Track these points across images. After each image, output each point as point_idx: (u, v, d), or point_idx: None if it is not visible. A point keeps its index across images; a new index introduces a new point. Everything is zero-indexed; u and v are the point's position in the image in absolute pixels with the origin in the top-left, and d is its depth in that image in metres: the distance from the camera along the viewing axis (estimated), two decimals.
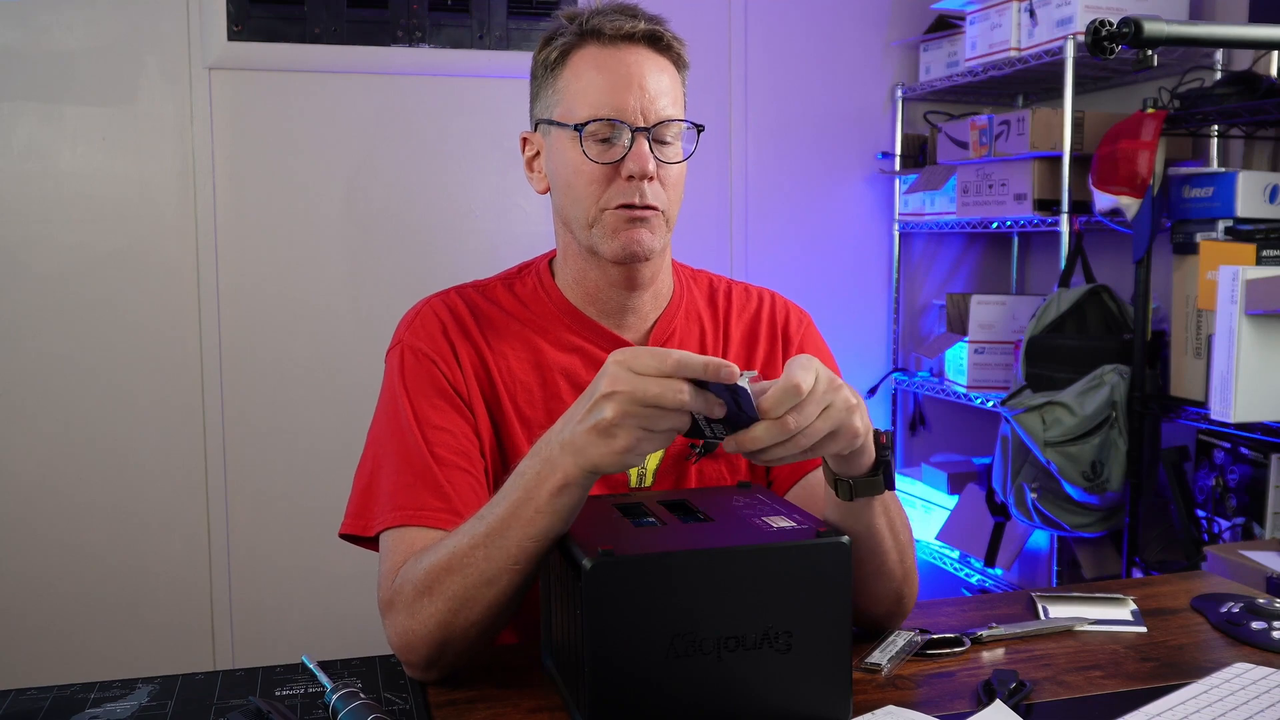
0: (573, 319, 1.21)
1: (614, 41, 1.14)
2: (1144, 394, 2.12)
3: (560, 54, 1.16)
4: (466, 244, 2.53)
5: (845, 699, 0.91)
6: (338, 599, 2.43)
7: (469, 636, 0.99)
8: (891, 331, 2.94)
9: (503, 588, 0.96)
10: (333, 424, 2.44)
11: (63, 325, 2.32)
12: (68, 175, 2.31)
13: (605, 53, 1.14)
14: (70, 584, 2.34)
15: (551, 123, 1.16)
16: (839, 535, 0.90)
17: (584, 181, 1.14)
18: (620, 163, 1.12)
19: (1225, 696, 0.95)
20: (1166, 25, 1.22)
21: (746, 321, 1.30)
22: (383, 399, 1.18)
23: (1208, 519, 2.10)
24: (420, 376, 1.15)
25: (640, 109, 1.13)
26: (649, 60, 1.15)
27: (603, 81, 1.13)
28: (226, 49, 2.35)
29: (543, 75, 1.19)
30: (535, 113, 1.21)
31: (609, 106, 1.12)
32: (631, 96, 1.12)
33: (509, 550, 0.94)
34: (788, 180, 2.84)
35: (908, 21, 2.88)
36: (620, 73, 1.13)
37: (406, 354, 1.17)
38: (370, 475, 1.13)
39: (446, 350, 1.17)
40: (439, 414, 1.14)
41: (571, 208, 1.16)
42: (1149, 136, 2.04)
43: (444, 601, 0.98)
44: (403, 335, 1.20)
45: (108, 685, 1.02)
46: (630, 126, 1.12)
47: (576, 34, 1.15)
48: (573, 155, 1.14)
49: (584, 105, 1.13)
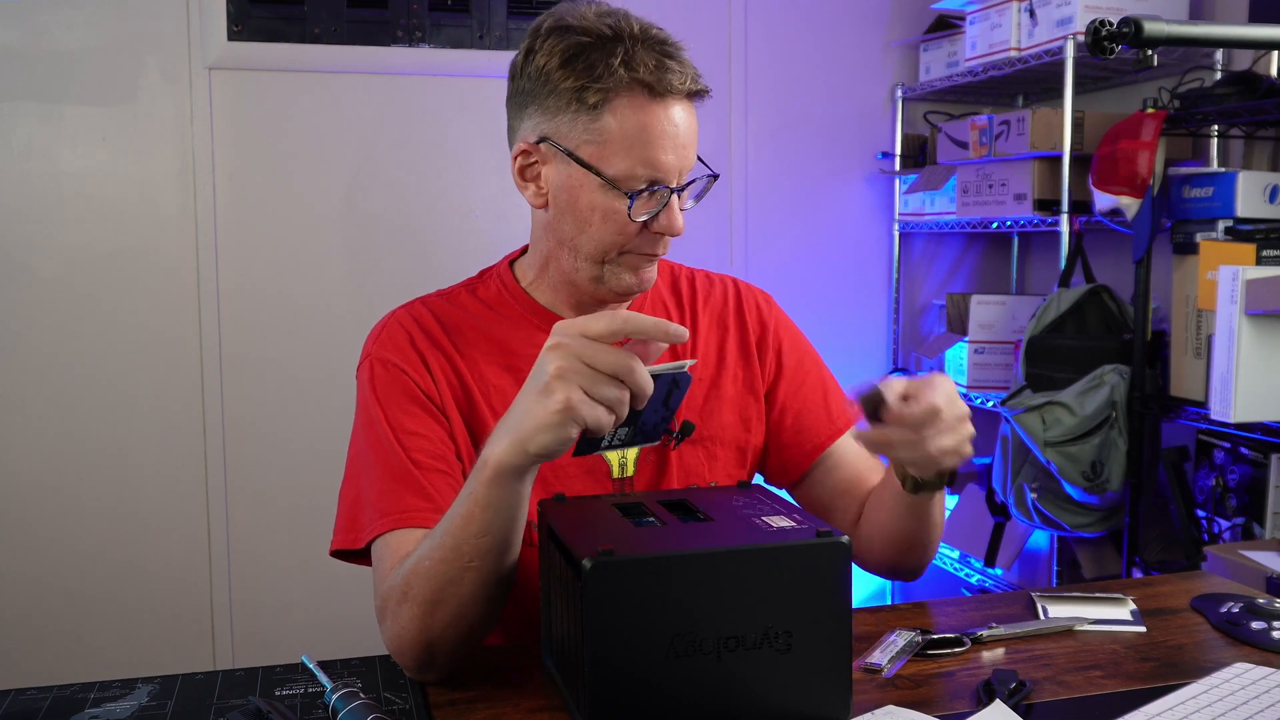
0: (542, 318, 1.22)
1: (661, 97, 1.09)
2: (1144, 394, 2.12)
3: (599, 90, 1.08)
4: (466, 244, 2.53)
5: (845, 699, 0.91)
6: (338, 599, 2.43)
7: (449, 638, 1.00)
8: (891, 331, 2.94)
9: (468, 588, 0.97)
10: (333, 424, 2.44)
11: (63, 325, 2.32)
12: (68, 175, 2.31)
13: (659, 106, 1.09)
14: (70, 584, 2.34)
15: (577, 159, 1.11)
16: (839, 535, 0.90)
17: (611, 229, 1.12)
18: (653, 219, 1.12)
19: (1225, 696, 0.95)
20: (1166, 25, 1.22)
21: (714, 309, 1.31)
22: (358, 415, 1.18)
23: (1208, 519, 2.10)
24: (390, 386, 1.15)
25: (679, 168, 1.12)
26: (688, 115, 1.12)
27: (658, 139, 1.09)
28: (226, 49, 2.35)
29: (567, 100, 1.10)
30: (541, 127, 1.13)
31: (654, 165, 1.10)
32: (674, 156, 1.11)
33: (462, 550, 0.96)
34: (788, 180, 2.83)
35: (908, 21, 2.88)
36: (668, 131, 1.10)
37: (376, 366, 1.17)
38: (354, 491, 1.14)
39: (415, 359, 1.17)
40: (413, 420, 1.14)
41: (584, 242, 1.14)
42: (1149, 136, 2.04)
43: (417, 606, 0.99)
44: (370, 349, 1.20)
45: (108, 685, 1.02)
46: (667, 186, 1.11)
47: (631, 79, 1.08)
48: (600, 201, 1.11)
49: (637, 162, 1.09)
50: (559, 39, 1.11)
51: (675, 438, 1.23)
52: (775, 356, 1.32)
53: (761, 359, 1.31)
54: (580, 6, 1.13)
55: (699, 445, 1.25)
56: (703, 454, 1.25)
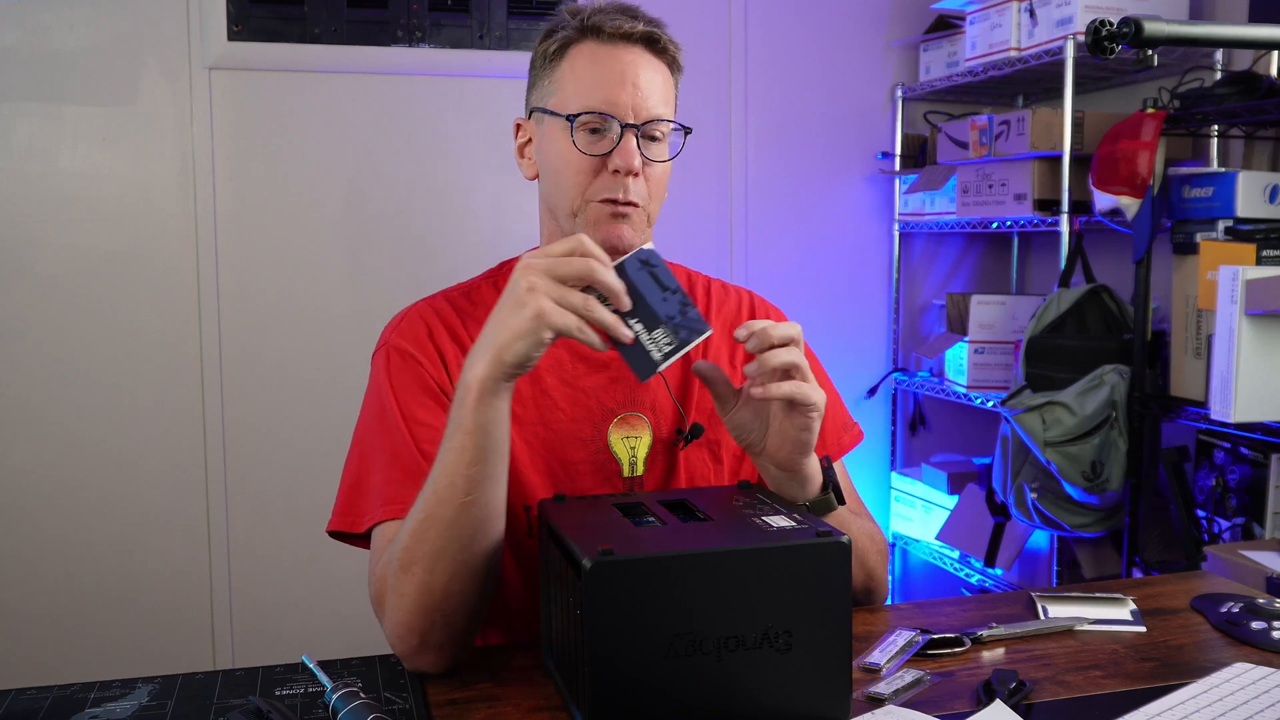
0: None
1: (612, 40, 1.17)
2: (1144, 394, 2.12)
3: (559, 47, 1.19)
4: (466, 244, 2.53)
5: (845, 699, 0.91)
6: (338, 599, 2.43)
7: (451, 605, 1.02)
8: (891, 331, 2.94)
9: (467, 530, 1.00)
10: (332, 424, 2.44)
11: (63, 325, 2.32)
12: (68, 175, 2.31)
13: (603, 49, 1.17)
14: (70, 584, 2.34)
15: (545, 111, 1.19)
16: (839, 535, 0.90)
17: (571, 171, 1.17)
18: (608, 156, 1.15)
19: (1225, 696, 0.95)
20: (1166, 25, 1.22)
21: (727, 319, 1.33)
22: (368, 399, 1.20)
23: (1208, 519, 2.10)
24: (405, 375, 1.17)
25: (632, 106, 1.16)
26: (644, 60, 1.18)
27: (597, 76, 1.16)
28: (226, 49, 2.35)
29: (541, 65, 1.21)
30: (530, 101, 1.24)
31: (601, 100, 1.15)
32: (624, 93, 1.15)
33: (456, 485, 0.99)
34: (788, 180, 2.83)
35: (908, 21, 2.88)
36: (615, 69, 1.16)
37: (392, 354, 1.19)
38: (357, 472, 1.15)
39: (432, 351, 1.19)
40: (425, 411, 1.15)
41: (557, 196, 1.20)
42: (1149, 136, 2.04)
43: (418, 567, 1.01)
44: (388, 337, 1.22)
45: (108, 685, 1.02)
46: (620, 121, 1.15)
47: (577, 29, 1.18)
48: (562, 145, 1.17)
49: (577, 97, 1.16)
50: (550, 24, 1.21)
51: (685, 438, 1.25)
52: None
53: None
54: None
55: (705, 448, 1.26)
56: (709, 456, 1.26)
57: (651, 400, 1.25)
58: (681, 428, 1.25)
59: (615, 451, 1.22)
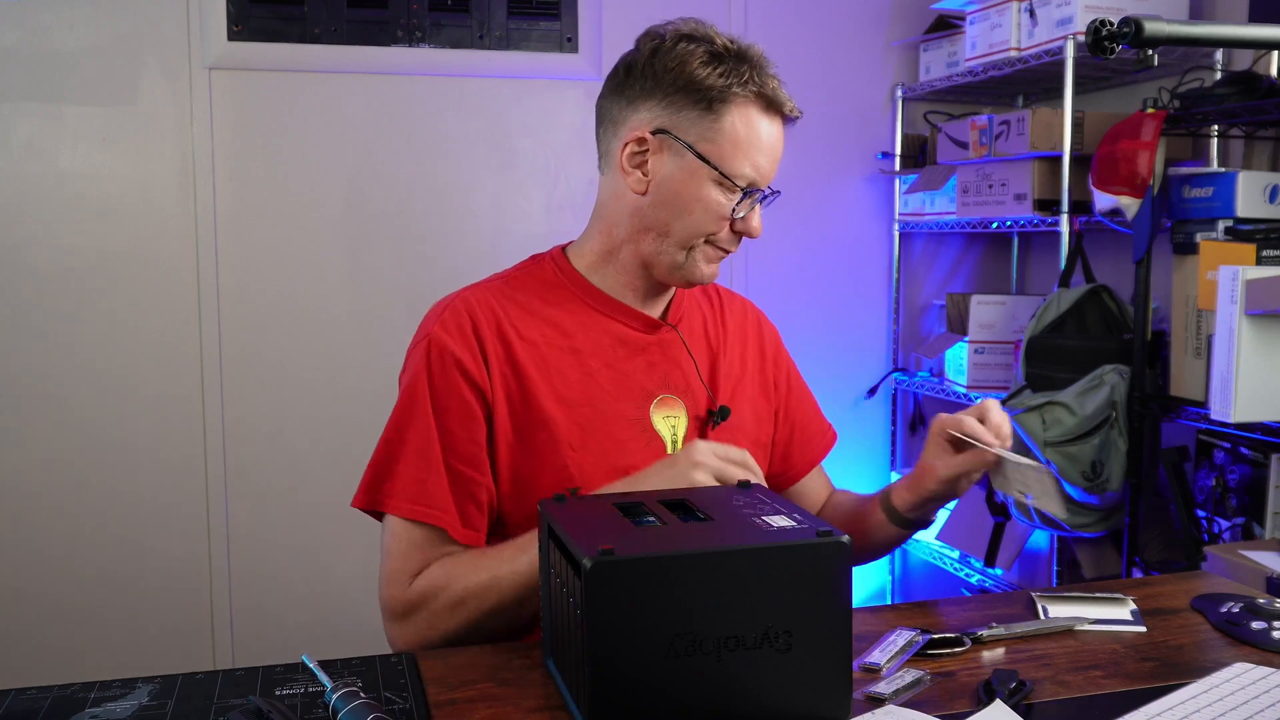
0: (599, 301, 1.29)
1: (770, 111, 1.24)
2: (1144, 394, 2.12)
3: (724, 95, 1.21)
4: (466, 244, 2.53)
5: (845, 699, 0.91)
6: (338, 599, 2.43)
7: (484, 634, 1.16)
8: (891, 331, 2.94)
9: (528, 606, 1.14)
10: (333, 424, 2.44)
11: (63, 325, 2.32)
12: (68, 175, 2.31)
13: (764, 119, 1.24)
14: (70, 583, 2.34)
15: (694, 151, 1.22)
16: (839, 535, 0.90)
17: (709, 217, 1.24)
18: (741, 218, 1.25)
19: (1225, 696, 0.95)
20: (1166, 25, 1.22)
21: (737, 320, 1.42)
22: (406, 389, 1.23)
23: (1208, 519, 2.10)
24: (444, 375, 1.21)
25: (769, 178, 1.27)
26: (782, 135, 1.28)
27: (756, 145, 1.23)
28: (226, 49, 2.35)
29: (689, 97, 1.22)
30: (666, 124, 1.23)
31: (754, 169, 1.23)
32: (771, 167, 1.26)
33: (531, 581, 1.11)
34: (788, 180, 2.81)
35: (908, 21, 2.88)
36: (770, 142, 1.25)
37: (434, 350, 1.22)
38: (387, 454, 1.22)
39: (475, 347, 1.22)
40: (457, 423, 1.20)
41: (678, 228, 1.25)
42: (1149, 136, 2.04)
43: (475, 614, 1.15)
44: (431, 329, 1.24)
45: (108, 685, 1.02)
46: (761, 192, 1.25)
47: (754, 91, 1.22)
48: (705, 191, 1.23)
49: (746, 162, 1.23)
50: (692, 45, 1.22)
51: (715, 419, 1.31)
52: (785, 380, 1.44)
53: (775, 379, 1.43)
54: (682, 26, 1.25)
55: (726, 433, 1.31)
56: (733, 439, 1.31)
57: (685, 383, 1.31)
58: (711, 408, 1.31)
59: (659, 430, 1.28)
